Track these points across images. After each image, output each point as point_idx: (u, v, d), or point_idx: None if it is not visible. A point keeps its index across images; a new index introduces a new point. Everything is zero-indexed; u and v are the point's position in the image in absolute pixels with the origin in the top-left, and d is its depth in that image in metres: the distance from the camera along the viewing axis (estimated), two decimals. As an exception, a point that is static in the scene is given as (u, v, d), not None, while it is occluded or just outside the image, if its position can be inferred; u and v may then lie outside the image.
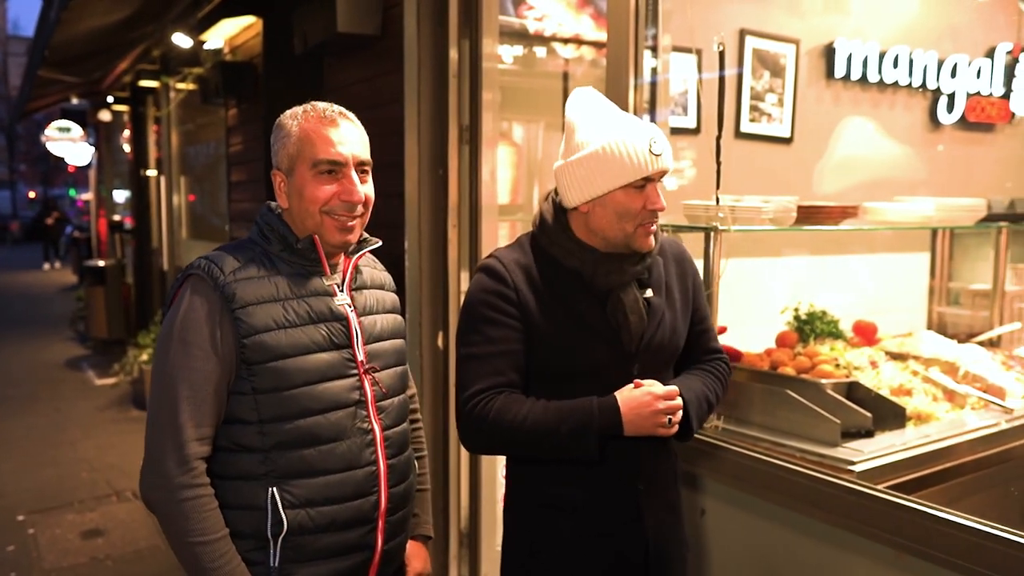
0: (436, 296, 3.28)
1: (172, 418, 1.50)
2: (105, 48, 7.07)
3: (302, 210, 1.62)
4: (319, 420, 1.58)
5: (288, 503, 1.55)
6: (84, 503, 4.84)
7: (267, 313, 1.56)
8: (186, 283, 1.58)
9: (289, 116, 1.64)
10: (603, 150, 1.61)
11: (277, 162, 1.64)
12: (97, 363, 8.79)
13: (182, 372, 1.51)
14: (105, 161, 12.66)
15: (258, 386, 1.54)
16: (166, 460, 1.49)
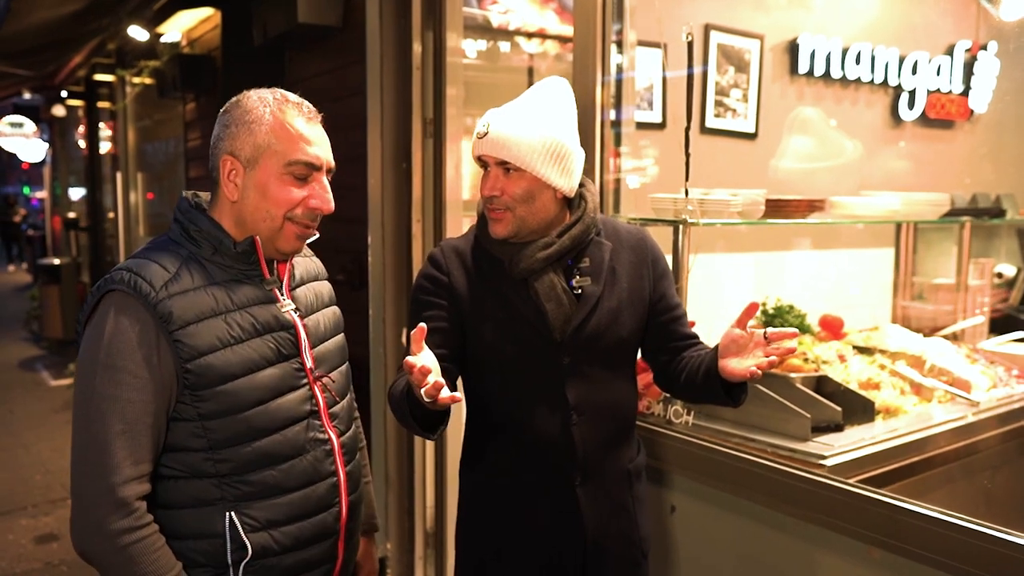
0: (400, 292, 3.22)
1: (103, 457, 1.32)
2: (58, 40, 6.88)
3: (260, 210, 1.45)
4: (275, 439, 1.46)
5: (249, 527, 1.44)
6: (38, 507, 4.70)
7: (210, 331, 1.40)
8: (107, 299, 1.38)
9: (257, 100, 1.46)
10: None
11: (233, 148, 1.44)
12: (52, 363, 8.56)
13: (113, 404, 1.33)
14: (60, 158, 12.36)
15: (204, 412, 1.40)
16: (100, 506, 1.32)
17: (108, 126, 8.27)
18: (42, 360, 8.85)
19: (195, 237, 1.46)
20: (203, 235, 1.46)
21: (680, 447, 2.11)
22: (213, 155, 1.48)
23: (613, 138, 2.49)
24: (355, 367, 3.35)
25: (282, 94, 1.49)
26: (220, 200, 1.48)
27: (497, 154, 1.60)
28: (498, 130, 1.61)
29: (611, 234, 1.75)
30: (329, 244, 3.58)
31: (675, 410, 2.15)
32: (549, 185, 1.62)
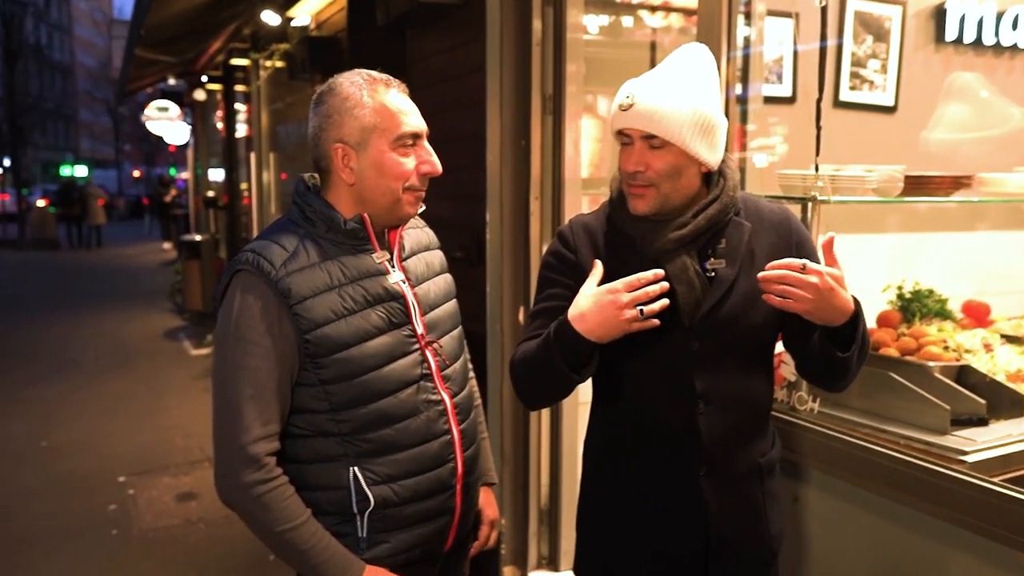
0: (518, 270, 3.22)
1: (236, 419, 1.49)
2: (198, 28, 7.25)
3: (379, 186, 1.55)
4: (390, 401, 1.57)
5: (371, 480, 1.57)
6: (179, 467, 5.02)
7: (325, 305, 1.52)
8: (235, 279, 1.53)
9: (352, 85, 1.54)
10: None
11: (341, 135, 1.53)
12: (193, 334, 9.12)
13: (243, 372, 1.49)
14: (200, 140, 13.08)
15: (324, 377, 1.53)
16: (235, 461, 1.49)
17: (244, 109, 8.67)
18: (184, 330, 9.44)
19: (310, 217, 1.57)
20: (316, 214, 1.57)
21: (804, 435, 2.02)
22: (319, 145, 1.56)
23: (739, 114, 2.39)
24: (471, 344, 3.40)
25: (368, 74, 1.57)
26: (335, 184, 1.58)
27: (643, 127, 1.51)
28: (644, 101, 1.51)
29: (752, 214, 1.64)
30: (447, 221, 3.64)
31: (799, 396, 2.05)
32: (696, 159, 1.54)
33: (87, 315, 10.66)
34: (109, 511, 4.39)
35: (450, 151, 3.68)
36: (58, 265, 16.94)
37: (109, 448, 5.40)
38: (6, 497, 4.58)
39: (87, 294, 12.69)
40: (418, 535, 1.64)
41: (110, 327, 9.83)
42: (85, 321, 10.23)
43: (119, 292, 12.93)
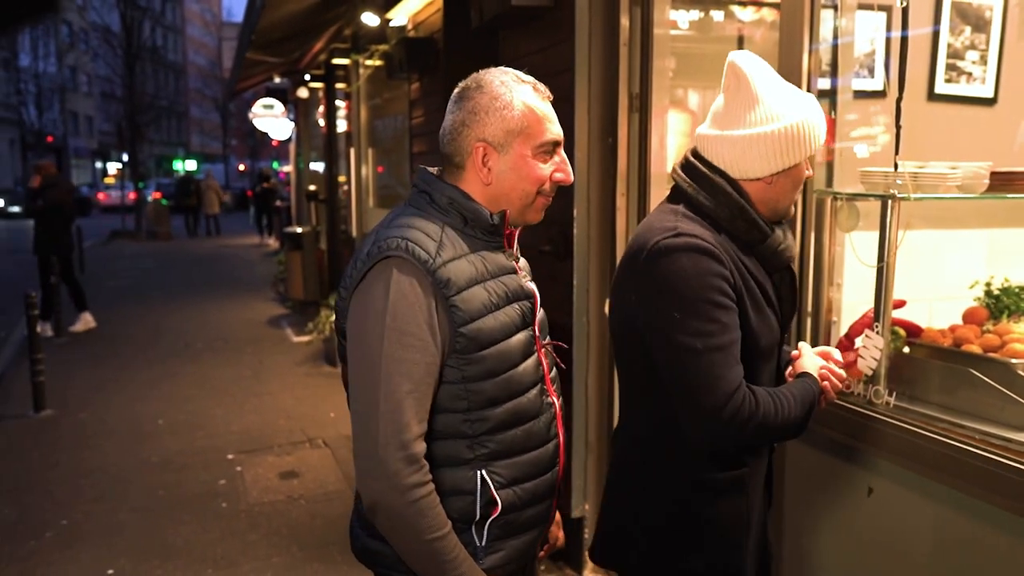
0: (604, 263, 3.32)
1: (396, 415, 1.41)
2: (303, 30, 7.59)
3: (516, 188, 1.54)
4: (522, 401, 1.55)
5: (498, 484, 1.53)
6: (282, 447, 5.33)
7: (477, 298, 1.48)
8: (383, 266, 1.45)
9: (500, 84, 1.52)
10: (804, 121, 1.56)
11: (485, 134, 1.51)
12: (294, 322, 9.55)
13: (401, 365, 1.42)
14: (303, 135, 13.62)
15: (469, 374, 1.48)
16: (393, 461, 1.40)
17: (344, 106, 9.01)
18: (286, 318, 9.90)
19: (447, 209, 1.53)
20: (456, 206, 1.53)
21: (880, 428, 2.05)
22: (457, 140, 1.53)
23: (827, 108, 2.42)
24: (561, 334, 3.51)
25: (516, 75, 1.56)
26: (468, 180, 1.55)
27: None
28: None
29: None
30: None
31: (876, 390, 2.09)
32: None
33: (198, 302, 11.30)
34: (219, 485, 4.71)
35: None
36: (171, 255, 17.92)
37: (218, 428, 5.77)
38: (129, 471, 4.97)
39: (197, 282, 13.41)
40: (526, 541, 1.61)
41: (219, 314, 10.39)
42: (196, 308, 10.84)
43: (226, 281, 13.61)
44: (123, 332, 9.25)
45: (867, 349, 2.06)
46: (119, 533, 4.11)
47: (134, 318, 10.13)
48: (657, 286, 1.52)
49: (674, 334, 1.49)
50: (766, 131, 1.55)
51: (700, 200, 1.61)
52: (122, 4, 24.07)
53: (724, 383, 1.48)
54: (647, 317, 1.54)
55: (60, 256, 8.78)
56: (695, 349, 1.48)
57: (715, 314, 1.50)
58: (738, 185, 1.60)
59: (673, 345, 1.50)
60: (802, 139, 1.56)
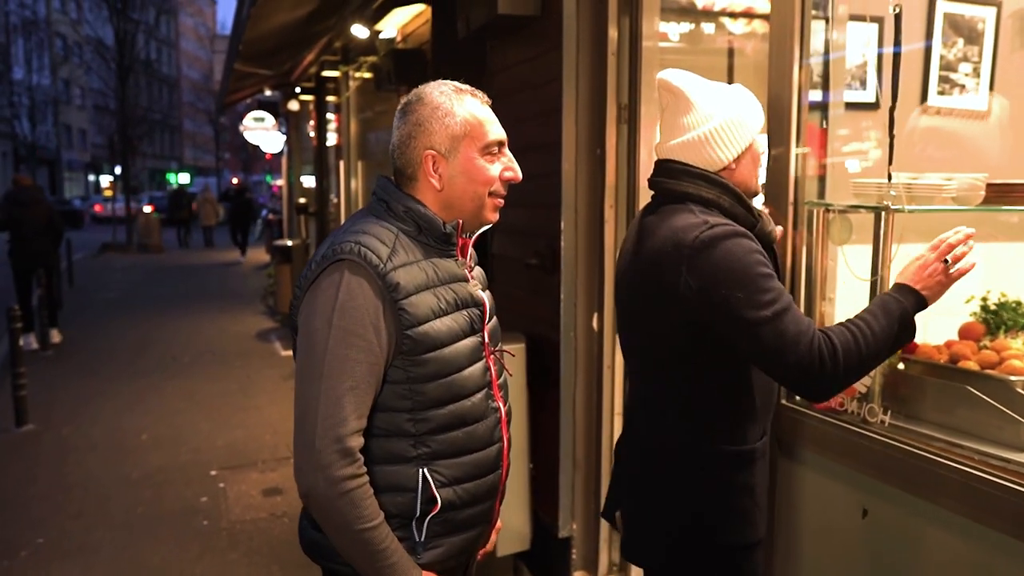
0: (592, 277, 3.25)
1: (334, 410, 1.47)
2: (293, 42, 7.55)
3: (467, 192, 1.60)
4: (465, 404, 1.61)
5: (439, 483, 1.59)
6: (267, 463, 5.24)
7: (425, 303, 1.54)
8: (335, 268, 1.51)
9: (441, 95, 1.59)
10: (739, 106, 1.78)
11: (432, 143, 1.58)
12: (283, 335, 9.46)
13: (344, 363, 1.48)
14: (294, 148, 13.56)
15: (414, 375, 1.54)
16: (329, 453, 1.46)
17: (334, 119, 8.96)
18: (275, 332, 9.80)
19: (401, 216, 1.60)
20: (411, 214, 1.59)
21: (875, 448, 1.98)
22: (406, 152, 1.61)
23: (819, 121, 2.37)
24: (545, 350, 3.44)
25: (454, 85, 1.63)
26: (421, 189, 1.62)
27: None
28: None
29: None
30: (522, 228, 3.70)
31: (870, 408, 2.02)
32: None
33: (187, 315, 11.19)
34: (201, 502, 4.62)
35: (528, 159, 3.74)
36: (162, 267, 17.80)
37: (203, 442, 5.67)
38: (109, 487, 4.87)
39: (187, 295, 13.30)
40: (466, 539, 1.67)
41: (207, 327, 10.29)
42: (185, 321, 10.74)
43: (216, 294, 13.50)
44: (110, 345, 9.15)
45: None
46: (95, 552, 4.01)
47: (122, 331, 10.02)
48: (713, 275, 1.64)
49: (744, 312, 1.62)
50: (714, 124, 1.76)
51: (703, 194, 1.75)
52: (115, 18, 24.03)
53: (800, 339, 1.60)
54: (714, 304, 1.64)
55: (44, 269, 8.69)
56: (766, 318, 1.61)
57: (769, 284, 1.64)
58: (718, 177, 1.78)
59: (745, 321, 1.62)
60: (744, 120, 1.78)
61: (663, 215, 1.77)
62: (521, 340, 3.44)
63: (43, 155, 35.83)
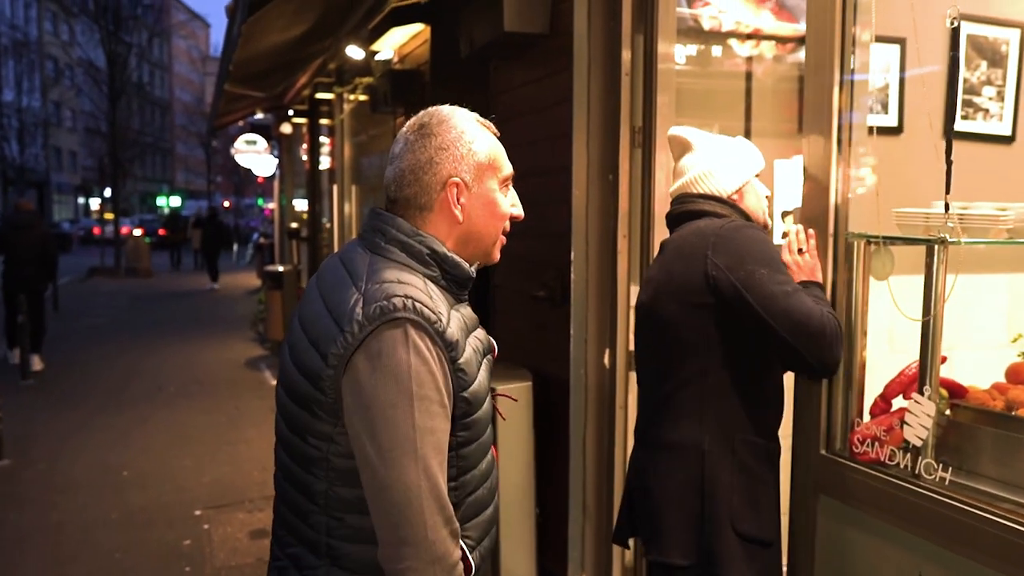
0: (604, 311, 3.06)
1: (436, 492, 1.31)
2: (286, 63, 7.39)
3: (487, 226, 1.46)
4: (488, 458, 1.50)
5: (470, 547, 1.44)
6: (254, 502, 4.99)
7: (471, 360, 1.40)
8: (396, 326, 1.30)
9: (465, 120, 1.45)
10: (742, 147, 2.13)
11: (457, 170, 1.41)
12: (274, 364, 9.21)
13: (432, 436, 1.31)
14: (286, 171, 13.39)
15: (463, 439, 1.40)
16: (443, 541, 1.31)
17: (328, 142, 8.80)
18: (265, 360, 9.55)
19: (426, 260, 1.41)
20: (436, 258, 1.42)
21: (932, 508, 1.78)
22: (423, 178, 1.42)
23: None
24: (553, 388, 3.24)
25: (469, 113, 1.49)
26: (435, 222, 1.44)
27: None
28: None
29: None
30: (530, 258, 3.51)
31: (927, 464, 1.82)
32: None
33: (174, 342, 10.92)
34: (184, 546, 4.36)
35: (535, 185, 3.58)
36: (150, 292, 17.52)
37: (188, 480, 5.41)
38: (86, 529, 4.61)
39: (175, 321, 13.04)
40: None
41: (195, 355, 10.03)
42: (172, 348, 10.48)
43: (205, 319, 13.25)
44: (94, 374, 8.88)
45: (915, 416, 1.81)
46: (70, 602, 3.76)
47: (106, 359, 9.76)
48: (739, 254, 1.88)
49: (769, 286, 1.85)
50: (715, 159, 2.07)
51: (718, 211, 2.02)
52: (107, 40, 23.89)
53: (814, 310, 1.85)
54: (739, 279, 1.87)
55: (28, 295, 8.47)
56: (788, 292, 1.85)
57: (784, 269, 1.92)
58: (729, 200, 2.07)
59: (771, 293, 1.84)
60: (741, 156, 2.10)
61: (686, 227, 2.03)
62: (527, 377, 3.23)
63: (32, 177, 35.50)
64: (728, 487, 1.93)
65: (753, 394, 1.98)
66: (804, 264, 2.01)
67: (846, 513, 2.02)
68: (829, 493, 2.05)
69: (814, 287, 1.98)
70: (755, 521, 1.95)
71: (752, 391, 1.97)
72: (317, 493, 1.40)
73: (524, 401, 3.16)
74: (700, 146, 2.08)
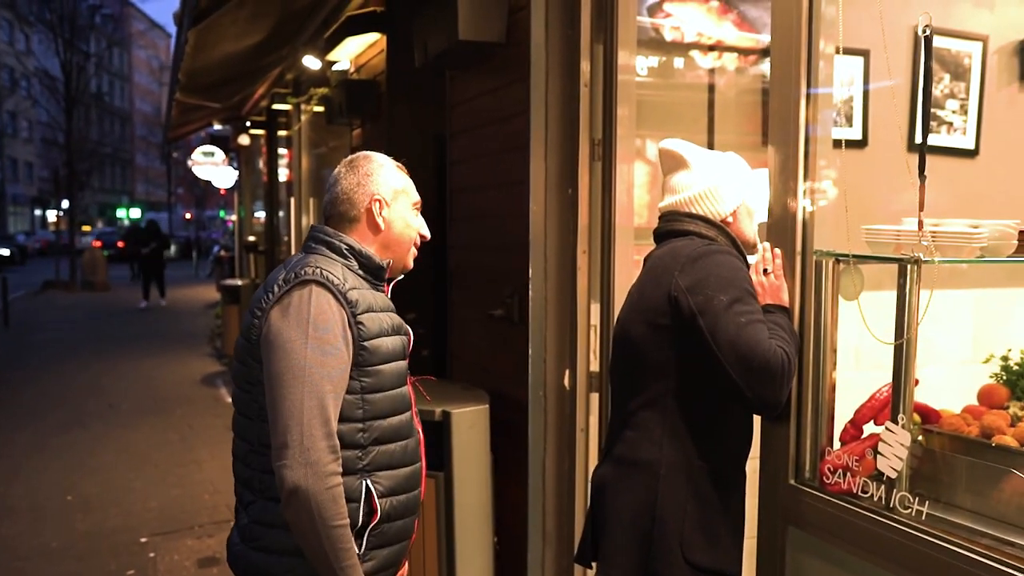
0: (563, 329, 2.94)
1: (321, 411, 1.59)
2: (242, 74, 7.20)
3: (401, 236, 1.86)
4: (401, 418, 1.79)
5: (378, 492, 1.72)
6: (203, 528, 4.78)
7: (375, 321, 1.74)
8: (303, 286, 1.67)
9: (381, 157, 1.88)
10: (737, 168, 2.06)
11: (378, 191, 1.82)
12: (229, 380, 8.96)
13: (323, 368, 1.62)
14: (245, 184, 13.13)
15: (366, 386, 1.71)
16: (318, 449, 1.57)
17: (286, 153, 8.60)
18: (222, 376, 9.30)
19: (347, 255, 1.79)
20: (353, 251, 1.79)
21: (908, 544, 1.67)
22: (353, 197, 1.82)
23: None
24: (511, 410, 3.10)
25: (387, 156, 1.90)
26: (361, 232, 1.83)
27: None
28: None
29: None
30: (486, 274, 3.38)
31: (902, 497, 1.71)
32: None
33: (128, 358, 10.60)
34: (127, 576, 4.15)
35: (491, 198, 3.46)
36: (107, 306, 17.05)
37: (135, 504, 5.19)
38: (25, 557, 4.37)
39: (130, 336, 12.69)
40: (394, 552, 1.79)
41: (150, 371, 9.74)
42: (126, 364, 10.17)
43: (161, 334, 12.91)
44: (43, 391, 8.57)
45: (888, 447, 1.71)
46: (0, 641, 3.53)
47: (58, 376, 9.43)
48: (702, 278, 1.82)
49: (721, 314, 1.78)
50: (711, 181, 2.00)
51: (703, 232, 1.96)
52: (63, 47, 23.33)
53: (762, 344, 1.76)
54: (696, 303, 1.81)
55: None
56: (739, 323, 1.77)
57: (749, 298, 1.83)
58: (718, 222, 2.00)
59: (720, 320, 1.77)
60: (737, 179, 2.03)
61: (667, 245, 1.98)
62: (484, 400, 3.09)
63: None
64: (680, 513, 1.88)
65: (716, 421, 1.91)
66: (769, 286, 1.94)
67: (816, 546, 1.92)
68: (798, 525, 1.95)
69: (779, 312, 1.90)
70: (710, 552, 1.88)
71: (715, 417, 1.91)
72: (251, 433, 1.74)
73: (481, 424, 3.02)
74: (696, 165, 2.01)
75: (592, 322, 2.90)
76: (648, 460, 1.89)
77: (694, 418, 1.88)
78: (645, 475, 1.89)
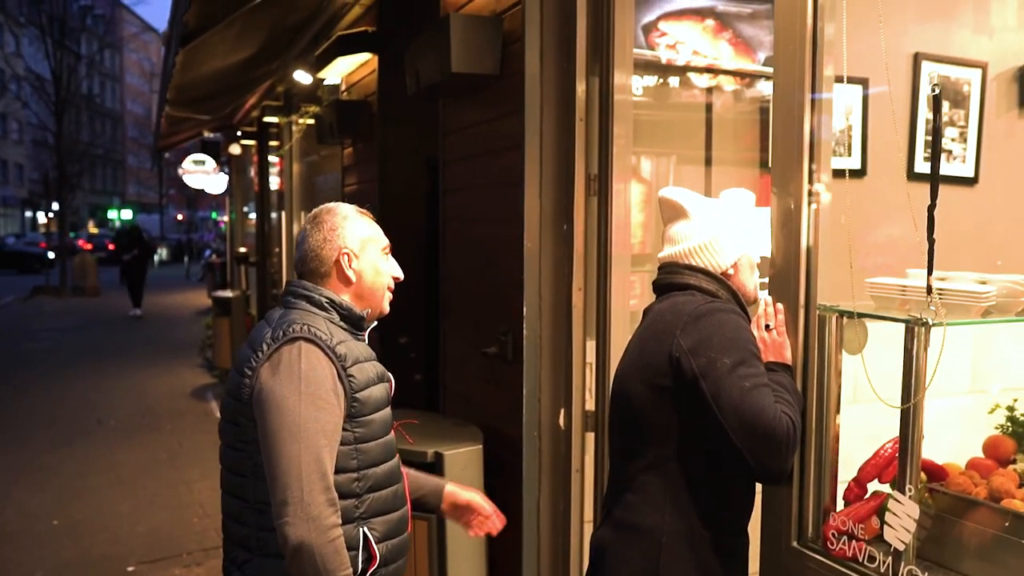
0: (558, 367, 2.87)
1: (318, 465, 1.62)
2: (232, 87, 7.12)
3: (375, 284, 1.88)
4: (390, 465, 1.84)
5: (376, 538, 1.77)
6: (192, 555, 4.70)
7: (363, 372, 1.77)
8: (292, 344, 1.70)
9: (345, 208, 1.89)
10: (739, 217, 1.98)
11: (345, 243, 1.83)
12: (220, 393, 8.85)
13: (318, 425, 1.64)
14: (235, 193, 13.03)
15: (360, 436, 1.74)
16: (317, 504, 1.60)
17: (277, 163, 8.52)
18: (212, 389, 9.20)
19: (328, 308, 1.81)
20: (333, 304, 1.82)
21: (915, 618, 1.62)
22: (321, 253, 1.84)
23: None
24: (504, 450, 3.04)
25: (350, 206, 1.92)
26: (335, 284, 1.85)
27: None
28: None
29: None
30: (479, 311, 3.31)
31: (910, 571, 1.66)
32: None
33: (117, 369, 10.50)
34: (114, 609, 4.07)
35: (483, 232, 3.39)
36: (97, 313, 16.91)
37: (122, 529, 5.10)
38: (8, 588, 4.30)
39: (120, 345, 12.57)
40: None
41: (139, 384, 9.63)
42: (115, 376, 10.06)
43: (152, 343, 12.80)
44: (28, 406, 8.46)
45: (896, 518, 1.65)
46: None
47: (44, 388, 9.33)
48: (705, 339, 1.75)
49: (724, 377, 1.70)
50: (712, 233, 1.92)
51: (704, 285, 1.89)
52: (53, 49, 23.15)
53: (767, 411, 1.68)
54: (699, 365, 1.74)
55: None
56: (744, 388, 1.69)
57: (754, 360, 1.76)
58: (719, 275, 1.93)
59: (723, 385, 1.70)
60: (739, 229, 1.95)
61: (667, 299, 1.91)
62: (478, 439, 3.03)
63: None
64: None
65: (718, 487, 1.83)
66: (771, 342, 1.89)
67: (820, 615, 1.86)
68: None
69: (781, 371, 1.85)
70: None
71: (717, 484, 1.82)
72: (247, 491, 1.74)
73: (475, 465, 2.95)
74: (696, 216, 1.93)
75: (588, 360, 2.83)
76: (650, 526, 1.82)
77: (697, 484, 1.81)
78: (646, 543, 1.82)
